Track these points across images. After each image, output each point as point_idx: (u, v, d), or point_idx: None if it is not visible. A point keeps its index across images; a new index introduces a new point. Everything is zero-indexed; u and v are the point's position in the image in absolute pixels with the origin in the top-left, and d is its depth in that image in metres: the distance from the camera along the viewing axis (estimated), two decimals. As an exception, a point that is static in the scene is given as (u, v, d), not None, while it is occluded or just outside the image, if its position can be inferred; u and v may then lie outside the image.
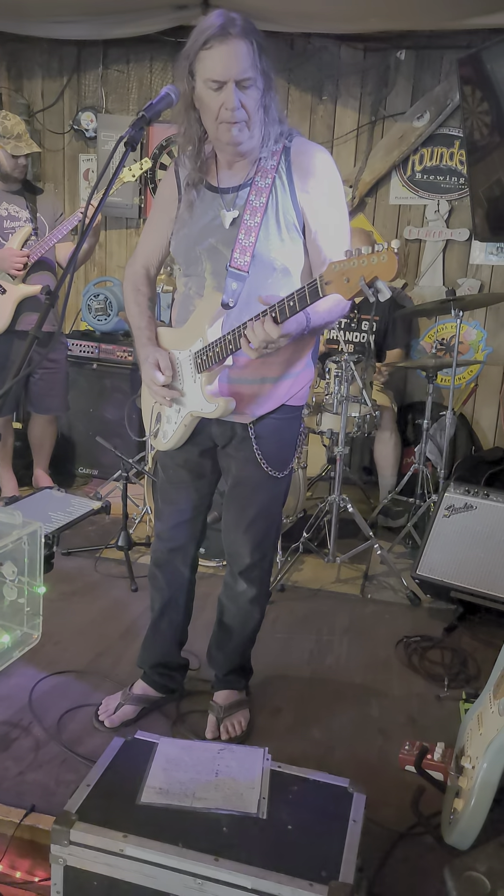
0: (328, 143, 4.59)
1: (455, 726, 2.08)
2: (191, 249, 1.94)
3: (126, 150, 1.69)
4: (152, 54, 4.74)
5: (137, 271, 2.10)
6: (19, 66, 4.96)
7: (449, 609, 3.06)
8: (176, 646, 2.33)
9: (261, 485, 2.05)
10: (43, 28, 4.58)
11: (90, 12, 4.38)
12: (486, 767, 1.71)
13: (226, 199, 1.89)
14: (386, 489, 4.03)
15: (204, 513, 2.21)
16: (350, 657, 2.72)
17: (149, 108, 1.73)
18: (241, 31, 1.69)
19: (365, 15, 4.04)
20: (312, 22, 4.23)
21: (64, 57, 4.88)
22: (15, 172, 3.58)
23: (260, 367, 1.92)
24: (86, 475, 4.52)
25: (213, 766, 1.74)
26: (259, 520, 2.09)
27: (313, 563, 3.47)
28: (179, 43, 4.42)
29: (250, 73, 1.71)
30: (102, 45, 4.77)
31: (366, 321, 4.24)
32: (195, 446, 2.08)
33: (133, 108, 4.87)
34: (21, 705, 2.27)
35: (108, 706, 2.25)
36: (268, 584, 2.25)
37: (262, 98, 1.77)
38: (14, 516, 1.40)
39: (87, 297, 4.67)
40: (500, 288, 4.53)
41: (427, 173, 4.54)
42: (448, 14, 3.91)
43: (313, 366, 2.09)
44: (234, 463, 2.05)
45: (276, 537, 2.23)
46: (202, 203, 1.92)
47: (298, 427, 2.13)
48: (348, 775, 1.81)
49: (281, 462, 2.05)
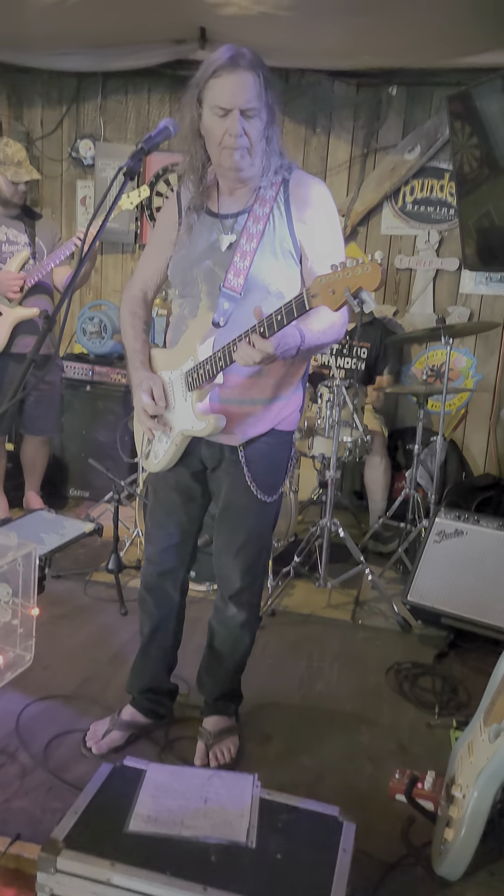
0: (321, 173, 4.66)
1: (446, 754, 2.07)
2: (187, 271, 1.97)
3: (125, 179, 1.72)
4: (150, 86, 4.83)
5: (135, 295, 2.13)
6: (20, 96, 5.04)
7: (440, 636, 3.06)
8: (165, 671, 2.32)
9: (251, 509, 2.05)
10: (44, 59, 4.66)
11: (91, 45, 4.46)
12: (477, 796, 1.71)
13: (225, 224, 1.93)
14: (376, 514, 4.04)
15: (194, 536, 2.21)
16: (340, 684, 2.71)
17: (148, 140, 1.77)
18: (249, 63, 1.76)
19: (358, 52, 4.13)
20: (307, 58, 4.32)
21: (64, 87, 4.96)
22: (14, 198, 3.63)
23: (250, 389, 1.94)
24: (77, 497, 4.51)
25: (202, 792, 1.73)
26: (249, 544, 2.10)
27: (304, 587, 3.46)
28: (177, 75, 4.53)
29: (255, 104, 1.78)
30: (102, 76, 4.85)
31: (358, 347, 4.28)
32: (186, 468, 2.09)
33: (131, 136, 4.94)
34: (8, 731, 2.25)
35: (96, 732, 2.23)
36: (258, 609, 2.25)
37: (265, 130, 1.83)
38: (9, 537, 1.41)
39: (82, 320, 4.71)
40: (490, 316, 4.59)
41: (418, 204, 4.62)
42: (439, 53, 4.01)
43: (304, 390, 2.11)
44: (224, 486, 2.06)
45: (266, 561, 2.23)
46: (201, 227, 1.96)
47: (289, 452, 2.14)
48: (338, 804, 1.80)
49: (270, 486, 2.06)
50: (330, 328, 1.86)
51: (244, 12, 3.62)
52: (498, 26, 3.63)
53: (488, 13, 3.48)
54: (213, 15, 3.78)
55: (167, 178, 4.89)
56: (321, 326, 1.83)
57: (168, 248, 2.03)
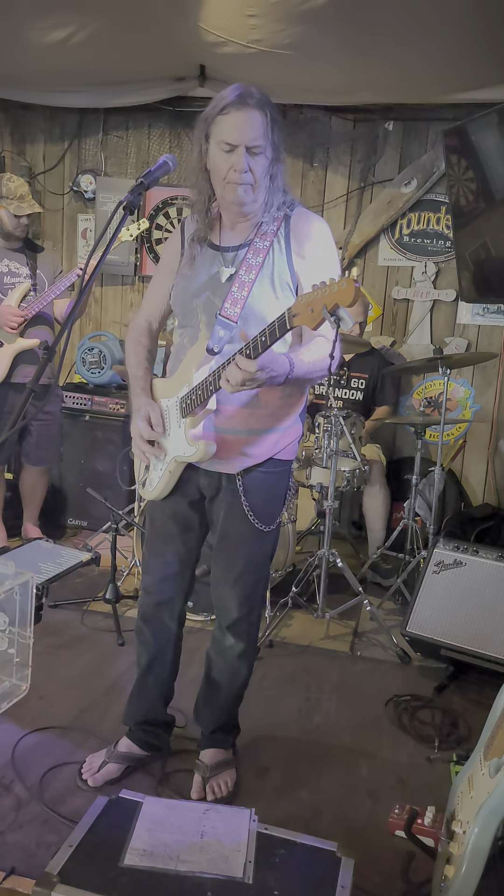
0: (319, 207, 4.74)
1: (446, 789, 2.04)
2: (188, 302, 2.00)
3: (125, 213, 1.75)
4: (150, 122, 4.92)
5: (140, 324, 2.18)
6: (22, 131, 5.13)
7: (439, 667, 3.03)
8: (162, 702, 2.30)
9: (248, 538, 2.05)
10: (46, 96, 4.76)
11: (92, 83, 4.56)
12: (478, 832, 1.68)
13: (226, 256, 1.97)
14: (375, 544, 4.03)
15: (192, 566, 2.21)
16: (339, 716, 2.69)
17: (148, 174, 1.81)
18: (257, 102, 1.80)
19: (355, 89, 4.22)
20: (304, 94, 4.42)
21: (66, 123, 5.05)
22: (17, 231, 3.69)
23: (247, 419, 1.95)
24: (75, 527, 4.51)
25: (198, 826, 1.71)
26: (247, 573, 2.09)
27: (302, 618, 3.45)
28: (177, 112, 4.62)
29: (261, 142, 1.82)
30: (103, 112, 4.95)
31: (356, 378, 4.31)
32: (183, 497, 2.09)
33: (131, 171, 5.02)
34: (3, 762, 2.23)
35: (92, 764, 2.21)
36: (256, 639, 2.24)
37: (270, 167, 1.87)
38: (6, 566, 1.41)
39: (81, 351, 4.74)
40: (487, 347, 4.63)
41: (414, 236, 4.68)
42: (434, 89, 4.10)
43: (302, 422, 2.12)
44: (221, 515, 2.06)
45: (264, 591, 2.24)
46: (203, 259, 1.99)
47: (287, 481, 2.14)
48: (336, 839, 1.78)
49: (268, 515, 2.06)
50: (321, 360, 1.85)
51: (243, 51, 3.71)
52: (491, 64, 3.72)
53: (481, 52, 3.57)
54: (213, 53, 3.87)
55: (167, 211, 4.96)
56: (312, 357, 1.84)
57: (170, 280, 2.07)
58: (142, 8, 3.41)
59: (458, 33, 3.37)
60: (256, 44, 3.62)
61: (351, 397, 4.32)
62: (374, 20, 3.29)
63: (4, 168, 5.10)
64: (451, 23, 3.27)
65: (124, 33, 3.76)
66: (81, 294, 1.75)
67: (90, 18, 3.62)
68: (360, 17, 3.26)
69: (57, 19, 3.63)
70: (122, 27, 3.69)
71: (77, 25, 3.67)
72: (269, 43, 3.59)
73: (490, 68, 3.77)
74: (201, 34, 3.64)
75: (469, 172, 3.94)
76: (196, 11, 3.42)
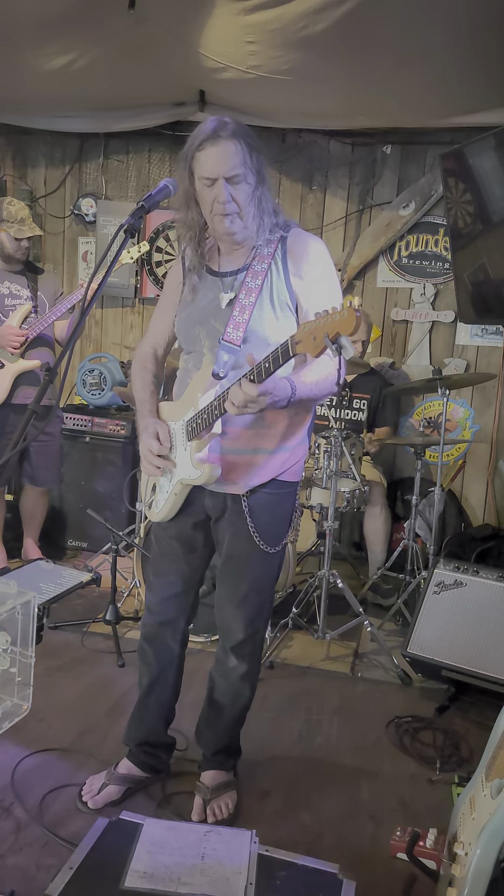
0: (318, 229, 4.78)
1: (448, 811, 2.03)
2: (191, 328, 2.03)
3: (126, 237, 1.78)
4: (151, 146, 4.98)
5: (146, 351, 2.22)
6: (24, 156, 5.20)
7: (440, 688, 3.02)
8: (163, 724, 2.29)
9: (253, 559, 2.05)
10: (48, 121, 4.82)
11: (93, 108, 4.63)
12: (480, 854, 1.67)
13: (224, 282, 2.00)
14: (375, 565, 4.03)
15: (195, 587, 2.21)
16: (340, 738, 2.67)
17: (148, 198, 1.84)
18: (231, 133, 1.84)
19: (353, 113, 4.28)
20: (303, 119, 4.48)
21: (67, 147, 5.12)
22: (17, 254, 3.73)
23: (253, 439, 1.97)
24: (75, 548, 4.50)
25: (199, 848, 1.70)
26: (252, 595, 2.09)
27: (303, 639, 3.44)
28: (177, 136, 4.68)
29: (239, 170, 1.85)
30: (104, 136, 5.01)
31: (357, 399, 4.33)
32: (188, 517, 2.10)
33: (132, 195, 5.08)
34: (2, 784, 2.21)
35: (92, 786, 2.20)
36: (259, 661, 2.24)
37: (254, 193, 1.89)
38: (9, 585, 1.41)
39: (82, 372, 4.76)
40: (486, 367, 4.65)
41: (413, 258, 4.72)
42: (431, 113, 4.16)
43: (308, 442, 2.14)
44: (227, 536, 2.07)
45: (268, 613, 2.22)
46: (203, 286, 2.03)
47: (292, 503, 2.15)
48: (338, 861, 1.77)
49: (274, 537, 2.06)
50: (324, 380, 1.88)
51: (242, 76, 3.76)
52: (487, 89, 3.78)
53: (478, 76, 3.63)
54: (213, 79, 3.93)
55: (167, 233, 5.01)
56: (314, 378, 1.86)
57: (174, 307, 2.11)
58: (142, 35, 3.47)
59: (455, 58, 3.42)
60: (255, 69, 3.67)
61: (353, 418, 4.33)
62: (371, 46, 3.35)
63: (6, 192, 5.15)
64: (447, 48, 3.32)
65: (125, 60, 3.83)
66: (84, 316, 1.76)
67: (91, 45, 3.68)
68: (357, 44, 3.32)
69: (58, 46, 3.69)
70: (122, 54, 3.75)
71: (78, 52, 3.74)
72: (267, 68, 3.65)
73: (487, 93, 3.83)
74: (201, 60, 3.70)
75: (467, 195, 3.99)
76: (196, 38, 3.48)
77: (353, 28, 3.15)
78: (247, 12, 3.13)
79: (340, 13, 3.03)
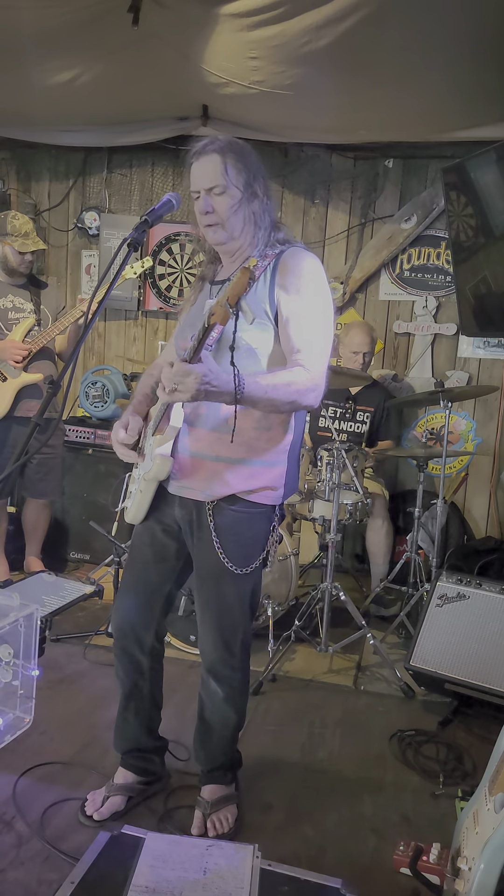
0: (320, 243, 4.81)
1: (451, 825, 2.02)
2: (182, 332, 2.06)
3: (129, 250, 1.79)
4: (154, 160, 5.02)
5: (158, 363, 2.25)
6: (28, 170, 5.24)
7: (444, 702, 3.01)
8: (145, 731, 2.28)
9: (222, 578, 2.01)
10: (52, 136, 4.86)
11: (96, 123, 4.67)
12: (484, 869, 1.66)
13: (213, 290, 2.04)
14: (378, 577, 4.02)
15: (161, 601, 2.16)
16: (343, 751, 2.66)
17: (151, 213, 1.86)
18: (217, 147, 1.91)
19: (355, 127, 4.31)
20: (305, 133, 4.51)
21: (70, 161, 5.15)
22: (21, 267, 3.75)
23: (215, 444, 1.93)
24: (78, 560, 4.50)
25: (201, 863, 1.69)
26: (221, 616, 2.05)
27: (305, 652, 3.42)
28: (180, 150, 4.71)
29: (219, 181, 1.89)
30: (107, 151, 5.05)
31: (361, 411, 4.33)
32: (157, 524, 2.09)
33: (135, 208, 5.11)
34: (4, 798, 2.21)
35: (95, 800, 2.19)
36: (242, 687, 2.18)
37: (239, 206, 1.92)
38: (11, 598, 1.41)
39: (85, 385, 4.78)
40: (488, 380, 4.65)
41: (415, 271, 4.74)
42: (433, 128, 4.19)
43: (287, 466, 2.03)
44: (196, 551, 2.05)
45: (245, 639, 2.11)
46: (203, 295, 2.08)
47: (266, 527, 2.05)
48: (341, 876, 1.76)
49: (242, 558, 2.01)
50: (284, 386, 1.78)
51: (245, 91, 3.79)
52: (489, 103, 3.80)
53: (479, 91, 3.65)
54: (215, 94, 3.97)
55: (170, 247, 5.04)
56: (274, 381, 1.77)
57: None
58: (145, 51, 3.50)
59: (456, 73, 3.45)
60: (258, 84, 3.70)
61: (356, 430, 4.34)
62: (373, 61, 3.38)
63: (10, 206, 5.19)
64: (448, 63, 3.35)
65: (129, 75, 3.86)
66: (85, 331, 1.77)
67: (95, 61, 3.72)
68: (359, 59, 3.35)
69: (63, 62, 3.72)
70: (126, 69, 3.78)
71: (82, 68, 3.77)
72: (270, 84, 3.68)
73: (488, 107, 3.85)
74: (204, 75, 3.73)
75: (468, 209, 4.01)
76: (198, 54, 3.51)
77: (354, 44, 3.18)
78: (250, 28, 3.16)
79: (342, 29, 3.06)
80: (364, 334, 4.24)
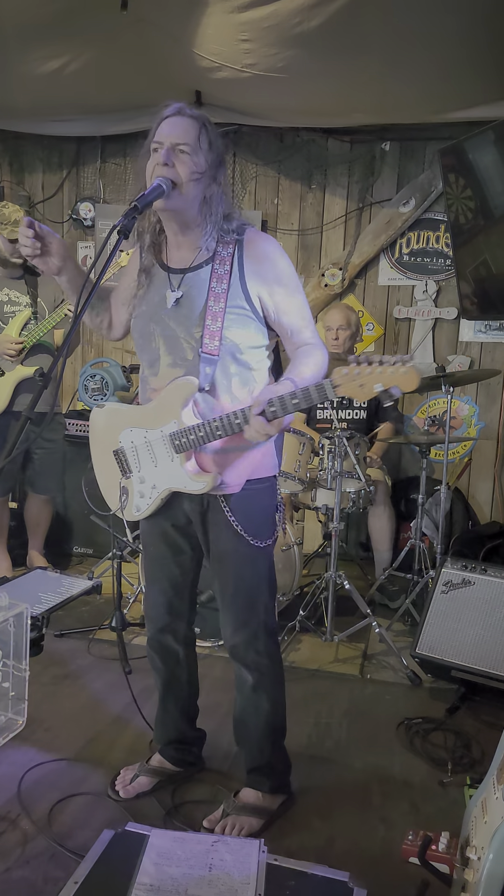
0: (318, 228, 4.76)
1: (460, 814, 1.99)
2: (146, 325, 1.99)
3: (119, 238, 1.75)
4: (148, 148, 4.96)
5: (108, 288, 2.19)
6: (21, 161, 5.18)
7: (450, 689, 2.98)
8: (186, 720, 2.30)
9: (240, 555, 2.01)
10: (43, 126, 4.81)
11: (88, 111, 4.61)
12: (493, 858, 1.63)
13: (173, 280, 1.95)
14: (382, 564, 3.98)
15: (188, 589, 2.18)
16: (350, 741, 2.64)
17: (141, 198, 1.81)
18: (196, 115, 1.87)
19: (350, 110, 4.26)
20: (300, 117, 4.46)
21: (64, 152, 5.10)
22: (13, 257, 3.70)
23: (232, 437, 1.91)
24: (81, 554, 4.48)
25: (206, 859, 1.67)
26: (240, 595, 2.05)
27: (311, 641, 3.40)
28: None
29: (189, 141, 1.83)
30: (100, 140, 4.99)
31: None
32: (167, 520, 2.08)
33: (129, 198, 5.04)
34: (9, 796, 2.19)
35: (125, 777, 2.22)
36: (273, 671, 2.14)
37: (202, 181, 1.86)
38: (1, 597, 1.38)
39: (83, 378, 4.74)
40: (490, 364, 4.61)
41: (414, 255, 4.69)
42: (429, 109, 4.13)
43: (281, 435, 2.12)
44: (210, 537, 2.03)
45: (268, 619, 2.11)
46: (157, 281, 1.99)
47: (273, 496, 2.10)
48: (349, 868, 1.74)
49: (258, 528, 2.02)
50: (319, 372, 1.91)
51: (238, 75, 3.74)
52: (484, 82, 3.75)
53: (474, 70, 3.60)
54: (208, 79, 3.92)
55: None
56: (311, 371, 1.89)
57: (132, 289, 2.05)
58: (135, 36, 3.45)
59: (452, 52, 3.40)
60: (251, 68, 3.65)
61: (354, 417, 4.30)
62: (366, 42, 3.33)
63: (3, 198, 5.14)
64: (443, 42, 3.30)
65: (119, 62, 3.81)
66: (76, 321, 1.73)
67: (84, 48, 3.67)
68: (353, 39, 3.30)
69: (50, 50, 3.67)
70: (116, 56, 3.73)
71: (71, 55, 3.72)
72: (262, 67, 3.63)
73: (484, 86, 3.80)
74: (195, 60, 3.68)
75: (467, 190, 3.96)
76: (189, 38, 3.46)
77: (347, 24, 3.12)
78: (240, 10, 3.11)
79: (334, 8, 3.01)
80: (338, 311, 4.12)
